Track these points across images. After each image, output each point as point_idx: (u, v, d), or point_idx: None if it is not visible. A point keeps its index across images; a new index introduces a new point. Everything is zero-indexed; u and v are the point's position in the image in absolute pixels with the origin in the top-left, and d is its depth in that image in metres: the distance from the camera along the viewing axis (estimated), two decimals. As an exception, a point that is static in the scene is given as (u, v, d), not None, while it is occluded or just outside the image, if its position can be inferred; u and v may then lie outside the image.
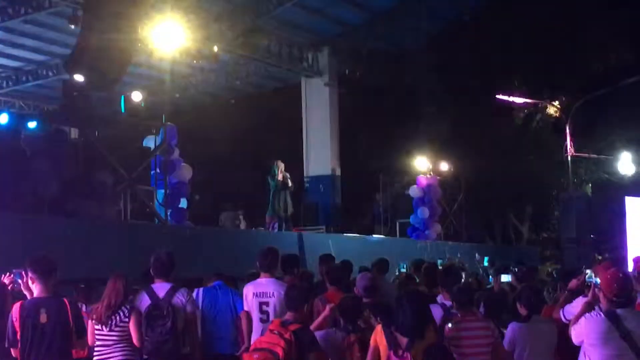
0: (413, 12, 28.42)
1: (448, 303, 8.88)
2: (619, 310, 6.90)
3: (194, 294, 10.05)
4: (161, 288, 8.85)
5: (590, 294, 7.67)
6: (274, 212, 23.34)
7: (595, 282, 8.01)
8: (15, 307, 7.67)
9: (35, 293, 7.67)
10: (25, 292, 8.19)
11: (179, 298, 8.81)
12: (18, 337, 7.61)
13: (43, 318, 7.53)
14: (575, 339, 7.28)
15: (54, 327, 7.57)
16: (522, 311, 8.79)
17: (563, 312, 8.03)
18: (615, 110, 34.54)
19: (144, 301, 8.79)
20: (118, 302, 8.60)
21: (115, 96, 19.69)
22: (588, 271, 8.02)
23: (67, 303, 7.70)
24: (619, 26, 32.99)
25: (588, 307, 7.46)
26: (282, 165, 23.49)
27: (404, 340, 7.23)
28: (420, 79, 30.86)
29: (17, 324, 7.61)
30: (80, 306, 8.61)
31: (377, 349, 7.52)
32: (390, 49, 29.97)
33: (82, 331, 7.87)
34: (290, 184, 23.59)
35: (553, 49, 34.65)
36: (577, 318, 7.36)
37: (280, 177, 23.27)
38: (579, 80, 34.52)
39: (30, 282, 7.71)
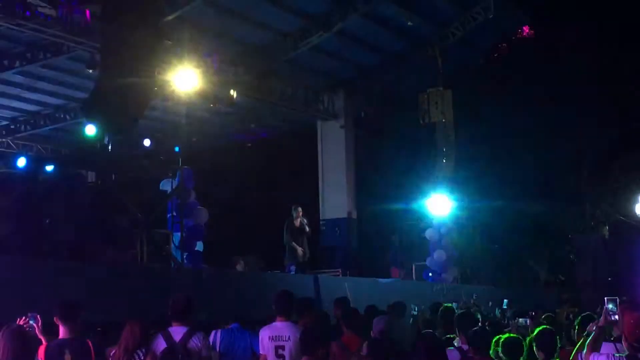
0: (427, 55, 28.56)
1: (465, 347, 8.84)
2: (640, 355, 6.87)
3: (212, 336, 10.04)
4: (177, 331, 8.84)
5: (602, 318, 7.65)
6: (292, 258, 23.36)
7: (608, 308, 7.92)
8: (41, 349, 7.81)
9: (60, 335, 7.76)
10: (41, 337, 8.24)
11: (195, 342, 8.79)
12: None
13: (67, 359, 7.60)
14: None
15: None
16: (540, 355, 8.73)
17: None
18: (632, 152, 34.49)
19: (160, 345, 8.78)
20: (134, 346, 8.60)
21: (132, 139, 19.83)
22: (610, 305, 7.88)
23: (90, 344, 7.77)
24: (637, 66, 33.01)
25: (600, 331, 7.49)
26: (300, 210, 23.47)
27: None
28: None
29: None
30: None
31: None
32: (405, 90, 30.05)
33: None
34: (307, 229, 23.61)
35: (570, 89, 34.67)
36: (594, 343, 7.37)
37: (297, 222, 23.29)
38: (597, 121, 34.49)
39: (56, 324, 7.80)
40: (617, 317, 7.74)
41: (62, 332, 7.78)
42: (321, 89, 29.80)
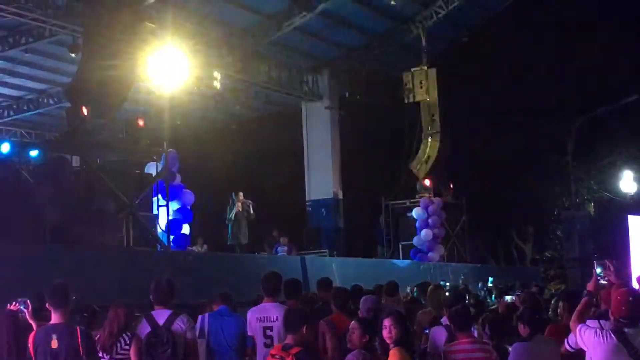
0: (411, 34, 28.57)
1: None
2: (626, 329, 6.89)
3: (199, 321, 9.99)
4: (161, 315, 8.81)
5: (592, 282, 7.70)
6: (233, 240, 23.81)
7: (598, 273, 7.98)
8: (31, 334, 7.79)
9: (52, 320, 7.76)
10: (31, 321, 8.24)
11: (179, 324, 8.76)
12: None
13: (54, 344, 7.64)
14: (574, 344, 7.34)
15: (64, 352, 7.62)
16: (523, 331, 8.77)
17: (567, 341, 7.96)
18: (616, 129, 34.62)
19: (144, 328, 8.75)
20: (119, 330, 8.58)
21: (116, 123, 19.74)
22: (599, 268, 7.94)
23: (78, 330, 7.75)
24: (621, 45, 33.08)
25: (588, 300, 7.58)
26: (241, 195, 24.12)
27: None
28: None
29: (31, 350, 7.75)
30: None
31: None
32: (390, 70, 30.05)
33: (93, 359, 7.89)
34: (252, 211, 23.96)
35: (553, 69, 34.76)
36: (580, 313, 7.43)
37: (239, 206, 23.59)
38: (580, 99, 34.60)
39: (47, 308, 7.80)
40: (606, 280, 7.81)
41: (54, 317, 7.77)
42: (305, 70, 29.78)
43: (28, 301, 8.43)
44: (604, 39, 33.25)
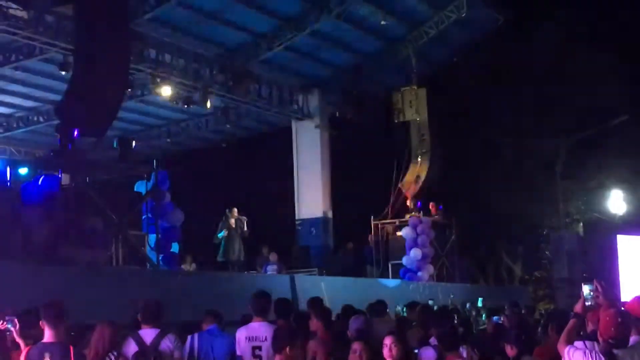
0: (401, 54, 28.66)
1: (442, 345, 8.89)
2: (615, 351, 6.91)
3: (189, 341, 9.96)
4: (148, 334, 8.79)
5: (579, 304, 7.69)
6: (223, 257, 23.91)
7: (586, 296, 7.96)
8: (24, 351, 7.76)
9: (45, 338, 7.73)
10: (18, 340, 8.21)
11: (167, 344, 8.74)
12: None
13: None
14: None
15: (56, 372, 7.61)
16: (511, 352, 8.77)
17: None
18: (605, 149, 34.73)
19: (131, 348, 8.73)
20: (105, 349, 8.55)
21: (106, 142, 19.75)
22: (586, 289, 7.90)
23: (71, 350, 7.73)
24: (609, 66, 33.21)
25: (576, 322, 7.54)
26: (235, 212, 24.17)
27: None
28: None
29: None
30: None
31: None
32: (380, 89, 30.14)
33: None
34: (245, 228, 23.98)
35: (543, 89, 34.88)
36: (567, 335, 7.40)
37: (232, 222, 23.71)
38: (569, 120, 34.72)
39: (40, 326, 7.79)
40: (593, 302, 7.79)
41: (47, 335, 7.74)
42: (296, 89, 29.83)
43: (16, 320, 8.39)
44: (594, 59, 33.39)
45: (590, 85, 33.67)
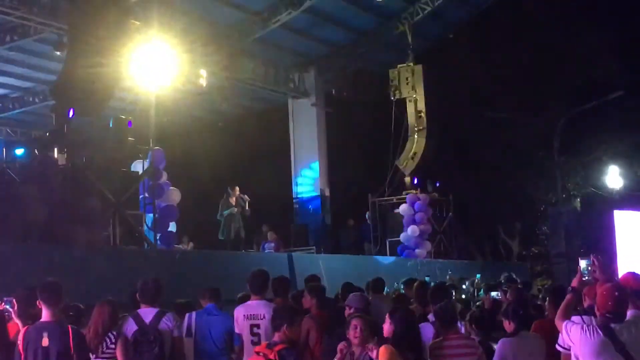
0: (397, 31, 28.58)
1: (439, 321, 8.90)
2: (613, 325, 6.92)
3: (187, 319, 9.98)
4: (147, 313, 8.81)
5: (576, 279, 7.71)
6: (225, 235, 23.70)
7: (582, 271, 7.95)
8: (22, 331, 7.80)
9: (43, 317, 7.75)
10: (17, 320, 8.23)
11: (166, 323, 8.76)
12: (22, 359, 7.73)
13: (45, 342, 7.65)
14: (563, 343, 7.36)
15: (54, 351, 7.62)
16: (509, 327, 8.81)
17: (558, 342, 7.94)
18: (601, 125, 34.67)
19: (130, 327, 8.74)
20: (104, 329, 8.56)
21: (102, 121, 19.71)
22: (583, 263, 7.94)
23: (70, 330, 7.74)
24: (605, 40, 33.13)
25: (573, 296, 7.55)
26: (237, 190, 24.07)
27: None
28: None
29: (20, 347, 7.75)
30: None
31: None
32: (376, 67, 30.07)
33: (84, 359, 7.87)
34: (247, 207, 23.89)
35: (539, 65, 34.80)
36: (564, 310, 7.41)
37: (233, 201, 23.50)
38: (566, 95, 34.66)
39: (38, 306, 7.81)
40: (590, 277, 7.81)
41: (45, 315, 7.76)
42: (292, 67, 29.77)
43: (14, 300, 8.41)
44: (590, 33, 33.29)
45: (587, 59, 33.59)
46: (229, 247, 23.53)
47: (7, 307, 8.56)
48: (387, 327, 7.86)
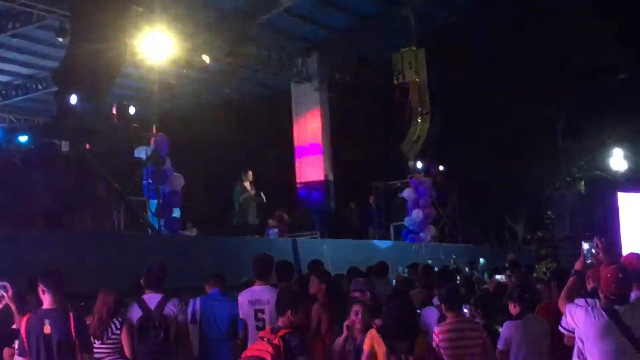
0: (400, 15, 28.49)
1: (443, 305, 8.91)
2: (617, 307, 6.90)
3: (191, 305, 9.97)
4: (152, 299, 8.82)
5: (579, 262, 7.71)
6: (239, 220, 23.16)
7: (585, 254, 7.94)
8: (25, 318, 7.82)
9: (44, 305, 7.76)
10: (11, 305, 8.24)
11: (171, 308, 8.78)
12: (26, 346, 7.73)
13: (47, 329, 7.64)
14: (567, 325, 7.35)
15: (56, 338, 7.62)
16: (514, 310, 8.83)
17: (561, 324, 7.94)
18: (605, 108, 34.59)
19: (135, 313, 8.76)
20: (109, 315, 8.58)
21: (105, 107, 19.69)
22: (586, 245, 7.91)
23: (71, 317, 7.75)
24: (609, 24, 33.01)
25: (576, 279, 7.59)
26: (250, 175, 23.10)
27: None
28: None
29: (23, 334, 7.75)
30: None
31: (373, 353, 7.52)
32: (379, 51, 30.00)
33: (86, 346, 7.86)
34: (261, 193, 23.35)
35: (543, 48, 34.70)
36: (567, 293, 7.43)
37: (247, 185, 22.97)
38: (570, 79, 34.57)
39: (40, 294, 7.81)
40: (593, 260, 7.80)
41: (47, 301, 7.77)
42: (295, 52, 29.69)
43: (8, 285, 8.40)
44: (592, 17, 33.18)
45: (592, 44, 33.47)
46: (248, 232, 22.86)
47: (1, 291, 8.54)
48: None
